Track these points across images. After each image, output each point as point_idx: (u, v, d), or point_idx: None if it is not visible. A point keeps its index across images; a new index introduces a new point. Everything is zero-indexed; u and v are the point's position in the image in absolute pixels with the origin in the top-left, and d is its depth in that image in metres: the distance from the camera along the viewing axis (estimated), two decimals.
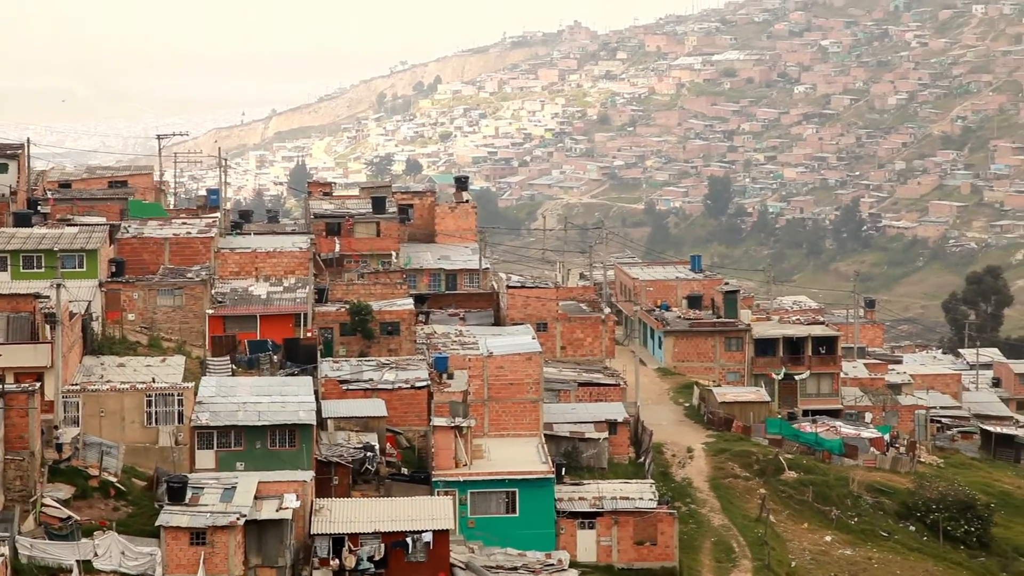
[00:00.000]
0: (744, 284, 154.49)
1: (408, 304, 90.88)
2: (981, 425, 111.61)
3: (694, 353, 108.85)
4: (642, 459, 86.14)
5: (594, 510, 74.53)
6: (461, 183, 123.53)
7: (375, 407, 77.62)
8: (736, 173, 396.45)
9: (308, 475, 67.25)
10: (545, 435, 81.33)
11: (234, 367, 78.62)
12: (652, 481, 79.68)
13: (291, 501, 64.61)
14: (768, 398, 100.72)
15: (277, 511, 63.83)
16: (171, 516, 62.52)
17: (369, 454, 72.86)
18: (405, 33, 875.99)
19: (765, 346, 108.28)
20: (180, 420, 69.09)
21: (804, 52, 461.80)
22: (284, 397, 70.61)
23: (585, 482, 78.13)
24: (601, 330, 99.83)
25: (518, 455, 76.68)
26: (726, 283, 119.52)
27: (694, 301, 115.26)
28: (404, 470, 75.85)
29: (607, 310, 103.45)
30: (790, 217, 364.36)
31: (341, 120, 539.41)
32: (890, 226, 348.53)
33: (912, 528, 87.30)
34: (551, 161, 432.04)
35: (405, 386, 79.80)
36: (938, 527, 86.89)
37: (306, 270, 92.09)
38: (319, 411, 72.87)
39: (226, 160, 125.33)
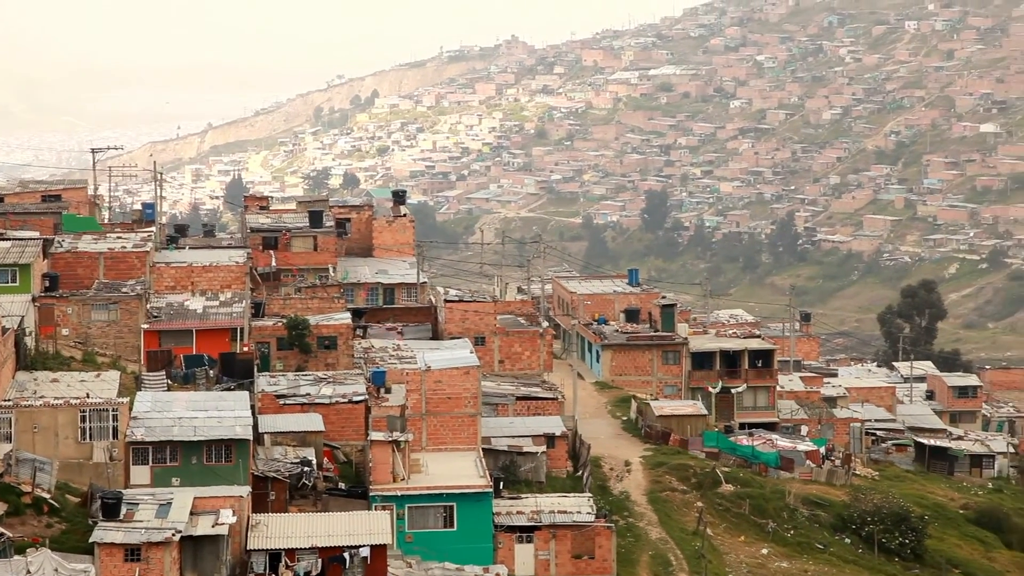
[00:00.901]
0: (681, 298, 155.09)
1: (345, 318, 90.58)
2: (915, 438, 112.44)
3: (632, 367, 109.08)
4: (580, 473, 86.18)
5: (532, 524, 74.49)
6: (398, 197, 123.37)
7: (312, 422, 77.26)
8: (673, 187, 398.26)
9: (244, 490, 66.84)
10: (483, 449, 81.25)
11: (169, 382, 78.06)
12: (590, 495, 79.74)
13: (227, 517, 64.18)
14: (705, 411, 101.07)
15: (213, 527, 63.39)
16: (105, 532, 61.93)
17: (306, 469, 72.51)
18: (342, 47, 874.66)
19: (702, 359, 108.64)
20: (115, 436, 68.47)
21: (740, 67, 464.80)
22: (220, 412, 70.16)
23: (523, 496, 78.06)
24: (539, 344, 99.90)
25: (456, 469, 76.54)
26: (663, 297, 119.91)
27: (631, 315, 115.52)
28: (341, 485, 75.53)
29: (545, 324, 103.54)
30: (726, 231, 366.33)
31: (278, 134, 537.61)
32: (825, 240, 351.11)
33: (847, 540, 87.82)
34: (489, 175, 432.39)
35: (342, 400, 79.49)
36: (873, 539, 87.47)
37: (242, 284, 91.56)
38: (256, 426, 72.45)
39: (161, 174, 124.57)
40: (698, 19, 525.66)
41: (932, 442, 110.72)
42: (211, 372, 79.78)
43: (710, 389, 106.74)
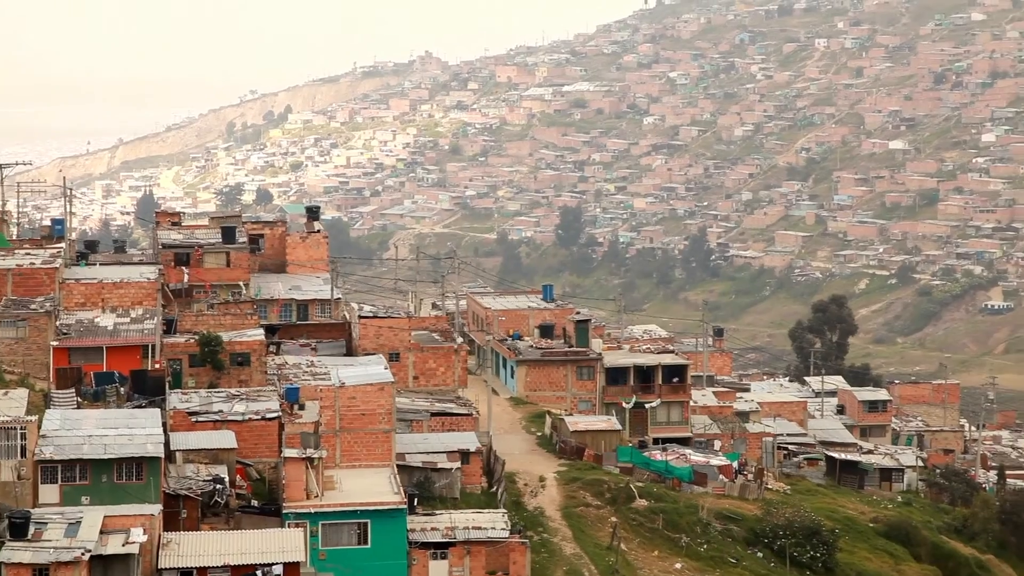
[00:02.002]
0: (595, 313, 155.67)
1: (259, 335, 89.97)
2: (826, 452, 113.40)
3: (546, 382, 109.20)
4: (494, 489, 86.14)
5: (446, 540, 74.31)
6: (312, 213, 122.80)
7: (225, 439, 76.64)
8: (587, 203, 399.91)
9: (156, 508, 66.16)
10: (397, 465, 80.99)
11: (79, 400, 77.12)
12: (504, 511, 79.69)
13: (138, 535, 63.49)
14: (619, 427, 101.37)
15: (124, 545, 62.69)
16: (13, 552, 61.06)
17: (218, 486, 71.90)
18: (255, 62, 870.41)
19: (616, 375, 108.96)
20: (23, 454, 67.49)
21: (653, 84, 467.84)
22: (131, 430, 69.42)
23: (437, 512, 77.88)
24: (454, 360, 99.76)
25: (370, 486, 76.23)
26: (578, 312, 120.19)
27: (546, 330, 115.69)
28: (254, 502, 74.99)
29: (459, 340, 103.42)
30: (640, 247, 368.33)
31: (190, 149, 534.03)
32: (737, 256, 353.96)
33: (760, 554, 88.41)
34: (403, 191, 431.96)
35: (256, 417, 78.91)
36: (785, 553, 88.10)
37: (154, 301, 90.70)
38: (167, 443, 71.75)
39: (71, 190, 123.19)
40: (611, 36, 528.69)
41: (843, 456, 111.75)
42: (122, 389, 78.94)
43: (624, 404, 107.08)
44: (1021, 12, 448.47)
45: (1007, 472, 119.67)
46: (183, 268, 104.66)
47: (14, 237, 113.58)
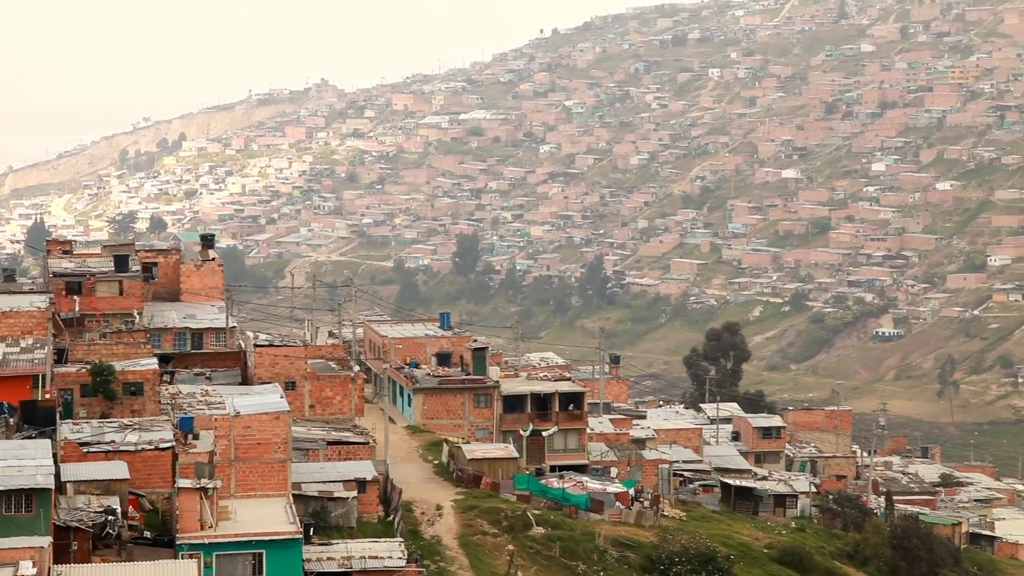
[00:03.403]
0: (493, 341, 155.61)
1: (152, 364, 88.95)
2: (721, 478, 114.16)
3: (443, 410, 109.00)
4: (391, 517, 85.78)
5: (343, 570, 73.80)
6: (207, 241, 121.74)
7: (117, 469, 75.61)
8: (484, 231, 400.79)
9: (45, 541, 65.05)
10: (293, 495, 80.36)
11: None
12: (401, 539, 79.37)
13: (27, 568, 62.38)
14: (516, 454, 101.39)
15: None
16: None
17: (110, 518, 70.90)
18: (148, 90, 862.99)
19: (513, 403, 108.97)
20: None
21: (549, 112, 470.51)
22: (20, 461, 68.25)
23: (334, 542, 77.39)
24: (350, 388, 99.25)
25: (265, 516, 75.55)
26: (475, 340, 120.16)
27: (443, 358, 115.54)
28: (147, 533, 74.02)
29: (356, 368, 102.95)
30: (537, 275, 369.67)
31: (82, 177, 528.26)
32: (634, 283, 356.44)
33: None
34: (299, 219, 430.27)
35: (149, 447, 77.92)
36: None
37: (45, 330, 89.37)
38: (58, 474, 70.65)
39: None
40: (507, 64, 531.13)
41: (737, 482, 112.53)
42: (11, 420, 77.63)
43: (521, 432, 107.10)
44: (909, 44, 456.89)
45: (897, 498, 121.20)
46: (75, 297, 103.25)
47: None
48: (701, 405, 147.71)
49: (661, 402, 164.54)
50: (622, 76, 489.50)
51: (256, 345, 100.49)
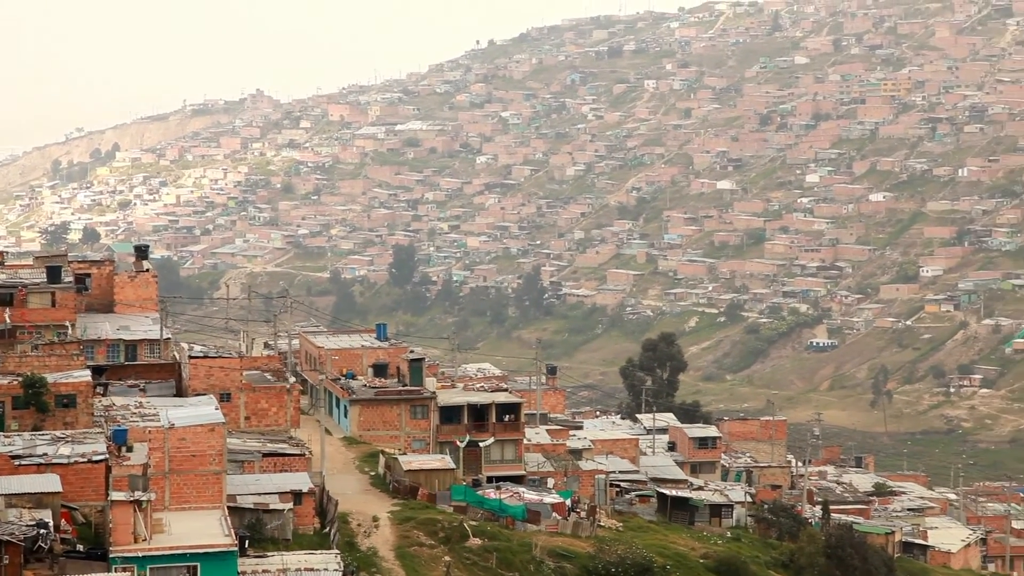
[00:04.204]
0: (429, 352, 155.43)
1: (85, 376, 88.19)
2: (658, 489, 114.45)
3: (380, 421, 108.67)
4: (327, 529, 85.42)
5: None
6: (141, 252, 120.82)
7: (49, 482, 74.88)
8: (420, 242, 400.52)
9: None
10: (228, 507, 79.87)
11: None
12: (337, 551, 79.03)
13: None
14: (453, 465, 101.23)
15: None
16: None
17: (42, 531, 70.18)
18: (81, 100, 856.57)
19: (450, 413, 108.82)
20: None
21: (485, 123, 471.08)
22: None
23: (269, 554, 76.96)
24: (286, 400, 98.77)
25: (200, 528, 75.06)
26: (411, 351, 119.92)
27: (380, 369, 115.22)
28: (80, 547, 73.34)
29: (292, 379, 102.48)
30: (474, 285, 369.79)
31: (13, 187, 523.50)
32: (570, 294, 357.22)
33: None
34: (234, 229, 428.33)
35: (82, 460, 77.21)
36: None
37: None
38: None
39: None
40: (444, 75, 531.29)
41: (674, 493, 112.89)
42: None
43: (458, 443, 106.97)
44: (842, 56, 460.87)
45: (831, 507, 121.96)
46: (6, 308, 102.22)
47: None
48: (637, 415, 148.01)
49: (598, 413, 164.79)
50: (558, 87, 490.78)
51: (191, 357, 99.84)
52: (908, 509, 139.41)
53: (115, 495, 72.97)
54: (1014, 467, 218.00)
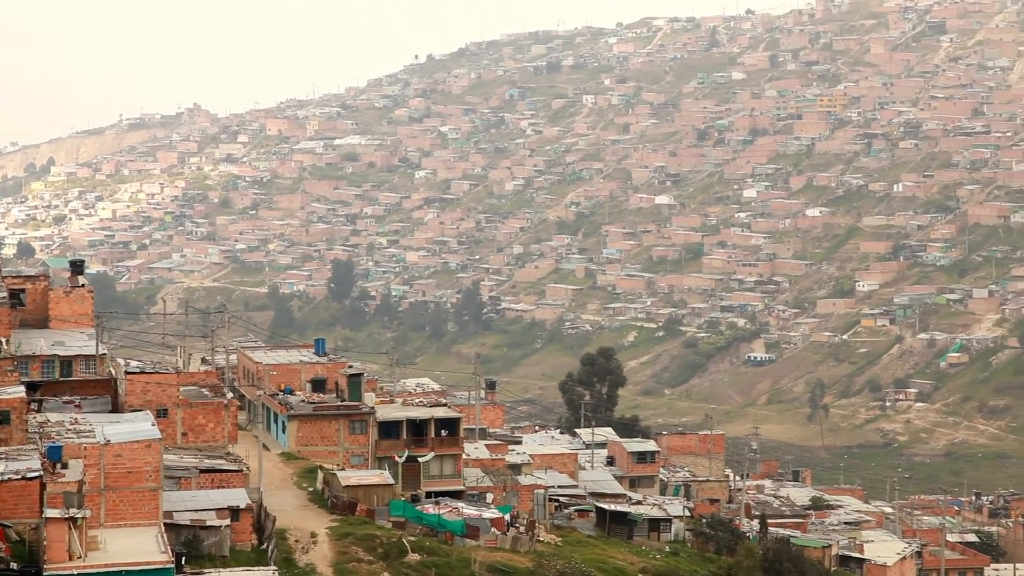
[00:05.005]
0: (368, 367, 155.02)
1: (19, 392, 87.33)
2: (596, 503, 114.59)
3: (318, 437, 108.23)
4: (265, 546, 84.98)
5: None
6: (76, 267, 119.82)
7: None
8: (359, 257, 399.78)
9: None
10: (165, 524, 79.31)
11: None
12: (275, 568, 78.67)
13: None
14: (392, 481, 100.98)
15: None
16: None
17: None
18: (15, 114, 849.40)
19: (389, 429, 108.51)
20: None
21: (424, 138, 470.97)
22: None
23: (206, 571, 76.49)
24: (224, 415, 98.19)
25: (136, 545, 74.49)
26: (350, 366, 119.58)
27: (318, 385, 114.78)
28: (14, 565, 72.59)
29: (230, 395, 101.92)
30: (413, 300, 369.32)
31: None
32: (509, 309, 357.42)
33: None
34: (171, 244, 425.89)
35: (15, 477, 76.43)
36: None
37: None
38: None
39: None
40: (382, 90, 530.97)
41: (612, 507, 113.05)
42: None
43: (397, 458, 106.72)
44: (779, 72, 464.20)
45: (769, 521, 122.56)
46: None
47: None
48: (576, 430, 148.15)
49: (537, 427, 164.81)
50: (497, 102, 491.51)
51: (127, 372, 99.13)
52: (844, 523, 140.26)
53: (49, 512, 72.31)
54: (949, 480, 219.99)
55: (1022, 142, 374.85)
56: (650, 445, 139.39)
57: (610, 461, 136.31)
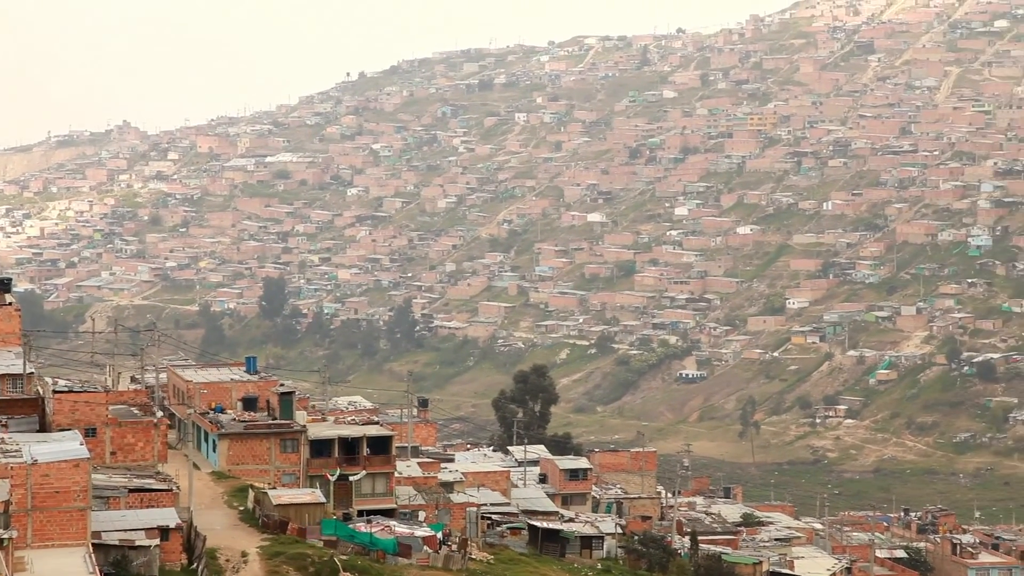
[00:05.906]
0: (300, 385, 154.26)
1: None
2: (529, 521, 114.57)
3: (249, 456, 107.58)
4: (195, 565, 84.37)
5: None
6: (4, 285, 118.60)
7: None
8: (291, 274, 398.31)
9: None
10: (93, 544, 78.54)
11: None
12: None
13: None
14: (323, 499, 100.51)
15: None
16: None
17: None
18: None
19: (321, 447, 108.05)
20: None
21: (356, 155, 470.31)
22: None
23: None
24: (153, 434, 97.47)
25: (63, 566, 73.74)
26: (281, 384, 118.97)
27: (249, 403, 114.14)
28: None
29: (160, 414, 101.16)
30: (345, 318, 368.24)
31: None
32: (442, 326, 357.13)
33: None
34: (100, 262, 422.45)
35: None
36: None
37: None
38: None
39: None
40: (314, 107, 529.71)
41: (545, 525, 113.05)
42: None
43: (328, 477, 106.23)
44: (709, 90, 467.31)
45: (700, 537, 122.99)
46: None
47: None
48: (509, 448, 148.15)
49: (469, 445, 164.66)
50: (429, 120, 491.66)
51: (55, 391, 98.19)
52: (775, 539, 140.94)
53: None
54: (878, 496, 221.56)
55: (949, 161, 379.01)
56: (582, 463, 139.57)
57: (542, 479, 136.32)
